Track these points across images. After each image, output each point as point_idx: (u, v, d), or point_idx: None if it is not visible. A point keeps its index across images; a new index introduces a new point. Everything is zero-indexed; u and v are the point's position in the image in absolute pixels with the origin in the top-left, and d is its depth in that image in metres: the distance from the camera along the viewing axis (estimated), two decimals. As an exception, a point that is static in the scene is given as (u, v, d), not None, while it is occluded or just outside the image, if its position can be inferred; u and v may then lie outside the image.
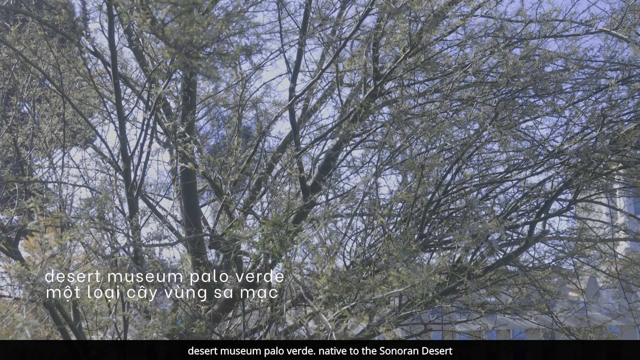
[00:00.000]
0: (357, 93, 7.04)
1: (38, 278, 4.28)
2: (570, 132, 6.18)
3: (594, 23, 6.10)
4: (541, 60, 5.95)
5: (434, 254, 6.23)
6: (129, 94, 7.62)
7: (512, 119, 5.97)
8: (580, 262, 7.47)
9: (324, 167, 6.16)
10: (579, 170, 5.83)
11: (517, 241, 6.24)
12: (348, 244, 6.24)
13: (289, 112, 5.97)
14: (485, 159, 6.56)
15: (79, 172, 6.86)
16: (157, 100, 5.47)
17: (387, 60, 6.13)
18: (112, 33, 4.83)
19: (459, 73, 5.74)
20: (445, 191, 5.81)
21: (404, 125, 5.80)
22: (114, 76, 5.05)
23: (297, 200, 6.09)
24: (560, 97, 6.12)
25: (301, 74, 7.38)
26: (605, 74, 6.17)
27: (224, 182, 5.65)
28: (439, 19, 5.11)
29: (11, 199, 6.80)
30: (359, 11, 6.49)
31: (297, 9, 7.32)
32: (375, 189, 5.78)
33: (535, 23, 6.02)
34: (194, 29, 2.53)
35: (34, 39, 6.44)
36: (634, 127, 5.66)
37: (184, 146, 5.57)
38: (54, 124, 7.03)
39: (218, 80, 7.58)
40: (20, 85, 6.82)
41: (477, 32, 6.07)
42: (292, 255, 4.98)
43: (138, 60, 6.84)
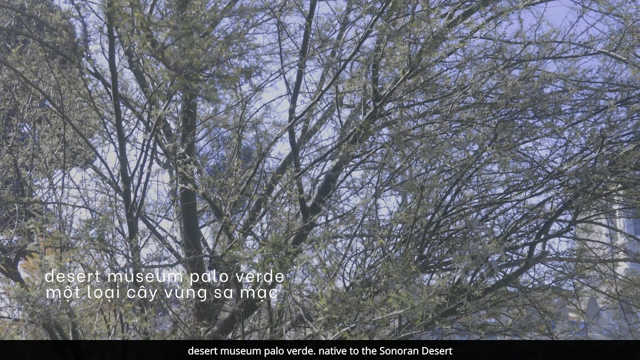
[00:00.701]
0: (357, 114, 7.05)
1: (37, 299, 4.27)
2: (570, 153, 6.19)
3: (593, 44, 6.13)
4: (540, 81, 5.97)
5: (433, 275, 6.22)
6: (129, 115, 7.63)
7: (512, 140, 5.98)
8: (580, 283, 7.46)
9: (324, 188, 6.16)
10: (578, 191, 5.84)
11: (517, 262, 6.24)
12: (348, 265, 6.23)
13: (288, 134, 5.98)
14: (485, 180, 6.56)
15: (79, 193, 6.86)
16: (157, 121, 5.49)
17: (386, 81, 6.14)
18: (112, 54, 4.85)
19: (458, 94, 5.76)
20: (444, 212, 5.81)
21: (404, 146, 5.81)
22: (115, 97, 5.06)
23: (297, 221, 6.08)
24: (560, 118, 6.13)
25: (301, 95, 7.40)
26: (604, 95, 6.19)
27: (223, 203, 5.66)
28: (438, 40, 5.13)
29: (11, 219, 6.80)
30: (358, 33, 6.52)
31: (297, 30, 7.36)
32: (374, 210, 5.78)
33: (534, 44, 6.04)
34: (194, 52, 2.54)
35: (35, 60, 6.46)
36: (633, 148, 5.66)
37: (183, 167, 5.57)
38: (54, 145, 7.04)
39: (218, 102, 7.60)
40: (21, 106, 6.84)
41: (476, 53, 6.09)
42: (292, 277, 4.98)
43: (138, 81, 6.86)
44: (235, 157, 7.09)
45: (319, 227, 6.29)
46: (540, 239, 6.18)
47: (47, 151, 6.98)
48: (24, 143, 7.06)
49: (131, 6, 2.62)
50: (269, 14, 7.03)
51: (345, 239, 6.46)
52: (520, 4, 5.55)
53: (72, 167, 7.84)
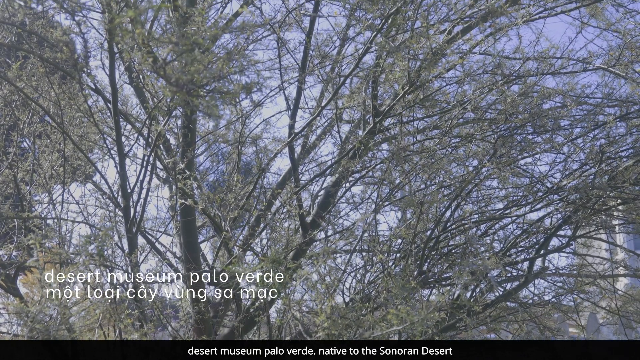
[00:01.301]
0: (357, 130, 7.06)
1: (37, 315, 4.27)
2: (569, 169, 6.20)
3: (592, 60, 6.15)
4: (539, 97, 5.99)
5: (433, 291, 6.21)
6: (129, 131, 7.64)
7: (511, 156, 5.99)
8: (580, 299, 7.45)
9: (324, 204, 6.17)
10: (578, 207, 5.84)
11: (517, 278, 6.23)
12: (347, 280, 6.22)
13: (288, 149, 5.99)
14: (485, 195, 6.56)
15: (79, 208, 6.86)
16: (157, 137, 5.49)
17: (386, 97, 6.16)
18: (113, 70, 4.86)
19: (457, 110, 5.78)
20: (444, 228, 5.82)
21: (403, 161, 5.82)
22: (115, 113, 5.07)
23: (297, 236, 6.08)
24: (559, 134, 6.14)
25: (301, 111, 7.41)
26: (603, 110, 6.21)
27: (223, 218, 5.65)
28: (437, 56, 5.14)
29: (10, 234, 6.79)
30: (358, 49, 6.54)
31: (296, 46, 7.38)
32: (374, 225, 5.78)
33: (533, 60, 6.06)
34: (195, 68, 2.56)
35: (36, 76, 6.48)
36: (633, 163, 5.67)
37: (183, 183, 5.58)
38: (54, 160, 7.04)
39: (219, 118, 7.61)
40: (21, 121, 6.85)
41: (476, 69, 6.11)
42: (292, 292, 4.97)
43: (138, 96, 6.87)
44: (235, 172, 7.09)
45: (319, 242, 6.29)
46: (540, 255, 6.18)
47: (47, 166, 6.98)
48: (24, 158, 7.06)
49: (132, 22, 2.63)
50: (269, 30, 7.06)
51: (344, 255, 6.46)
52: (519, 20, 5.57)
53: (72, 183, 7.84)
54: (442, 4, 6.20)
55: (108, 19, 3.34)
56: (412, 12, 5.20)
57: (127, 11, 2.57)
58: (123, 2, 4.22)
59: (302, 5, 6.63)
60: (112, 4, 4.11)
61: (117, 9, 4.28)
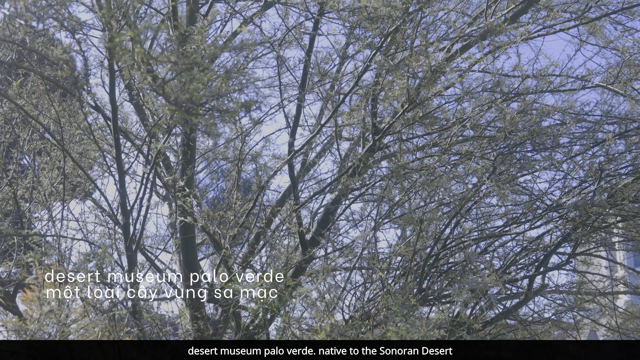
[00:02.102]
0: (356, 147, 7.07)
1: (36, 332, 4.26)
2: (568, 186, 6.21)
3: (591, 78, 6.17)
4: (538, 114, 6.00)
5: (433, 308, 6.19)
6: (129, 148, 7.65)
7: (510, 173, 6.00)
8: (580, 316, 7.43)
9: (323, 221, 6.16)
10: (577, 224, 5.84)
11: (517, 295, 6.22)
12: (347, 298, 6.21)
13: (288, 167, 6.00)
14: (484, 212, 6.56)
15: (78, 226, 6.84)
16: (157, 154, 5.50)
17: (385, 114, 6.18)
18: (113, 88, 4.87)
19: (457, 127, 5.78)
20: (444, 245, 5.81)
21: (403, 179, 5.83)
22: (115, 130, 5.08)
23: (296, 254, 6.08)
24: (558, 151, 6.15)
25: (300, 128, 7.43)
26: (602, 128, 6.22)
27: (222, 236, 5.65)
28: (436, 74, 5.16)
29: (10, 252, 6.79)
30: (357, 67, 6.56)
31: (296, 64, 7.40)
32: (374, 243, 5.78)
33: (532, 78, 6.08)
34: (194, 86, 2.57)
35: (36, 94, 6.49)
36: (632, 180, 5.68)
37: (183, 200, 5.58)
38: (54, 177, 7.04)
39: (218, 136, 7.63)
40: (21, 138, 6.86)
41: (475, 87, 6.13)
42: (291, 310, 4.96)
43: (138, 114, 6.88)
44: (235, 189, 7.09)
45: (318, 260, 6.29)
46: (539, 272, 6.18)
47: (47, 183, 6.98)
48: (24, 175, 7.06)
49: (132, 41, 2.65)
50: (268, 48, 7.08)
51: (344, 272, 6.45)
52: (518, 38, 5.60)
53: (72, 200, 7.84)
54: (441, 22, 6.24)
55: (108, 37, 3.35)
56: (411, 31, 5.22)
57: (127, 30, 2.58)
58: (123, 20, 4.24)
59: (301, 24, 6.66)
60: (113, 23, 4.13)
61: (117, 27, 4.30)
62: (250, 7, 6.67)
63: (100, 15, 4.01)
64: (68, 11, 4.32)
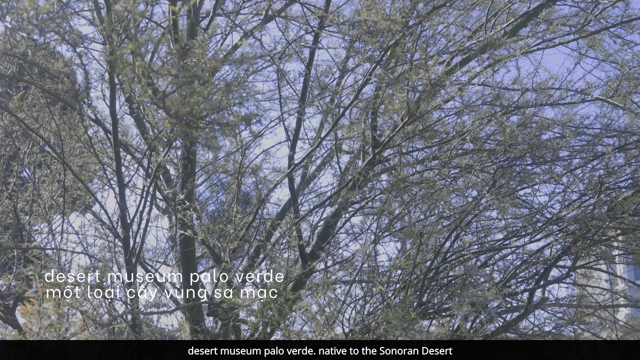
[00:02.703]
0: (356, 160, 7.07)
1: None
2: (568, 199, 6.21)
3: (590, 91, 6.18)
4: (538, 127, 6.01)
5: (433, 322, 6.18)
6: (129, 161, 7.65)
7: (510, 186, 6.00)
8: (581, 329, 7.41)
9: (323, 235, 6.16)
10: (577, 237, 5.84)
11: (517, 308, 6.21)
12: (347, 311, 6.20)
13: (288, 180, 6.00)
14: (484, 226, 6.56)
15: (78, 239, 6.83)
16: (157, 167, 5.50)
17: (385, 128, 6.18)
18: (113, 101, 4.88)
19: (457, 141, 5.79)
20: (444, 258, 5.81)
21: (403, 192, 5.83)
22: (115, 144, 5.08)
23: (296, 267, 6.07)
24: (558, 164, 6.15)
25: (300, 142, 7.43)
26: (602, 141, 6.22)
27: (222, 249, 5.65)
28: (436, 88, 5.17)
29: (9, 265, 6.78)
30: (357, 80, 6.57)
31: (296, 77, 7.41)
32: (374, 256, 5.77)
33: (532, 91, 6.09)
34: (194, 100, 2.57)
35: (36, 107, 6.49)
36: (632, 193, 5.68)
37: (183, 213, 5.58)
38: (54, 190, 7.04)
39: (218, 150, 7.63)
40: (22, 151, 6.86)
41: (475, 100, 6.14)
42: (291, 324, 4.95)
43: (139, 127, 6.89)
44: (235, 203, 7.09)
45: (318, 273, 6.28)
46: (539, 285, 6.17)
47: (47, 196, 6.98)
48: (24, 188, 7.06)
49: (132, 54, 2.65)
50: (268, 61, 7.10)
51: (344, 285, 6.44)
52: (518, 52, 5.61)
53: (72, 213, 7.83)
54: (441, 36, 6.26)
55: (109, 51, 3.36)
56: (411, 44, 5.24)
57: (127, 43, 2.59)
58: (124, 34, 4.26)
59: (302, 37, 6.68)
60: (113, 36, 4.14)
61: (117, 41, 4.32)
62: (251, 21, 6.71)
63: (101, 28, 4.02)
64: (69, 25, 4.33)
